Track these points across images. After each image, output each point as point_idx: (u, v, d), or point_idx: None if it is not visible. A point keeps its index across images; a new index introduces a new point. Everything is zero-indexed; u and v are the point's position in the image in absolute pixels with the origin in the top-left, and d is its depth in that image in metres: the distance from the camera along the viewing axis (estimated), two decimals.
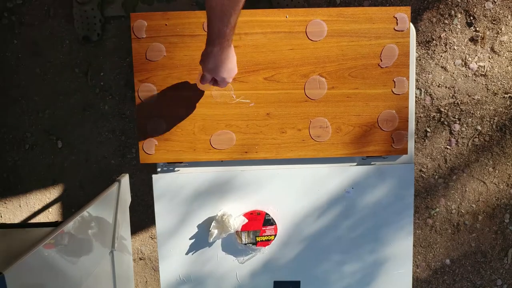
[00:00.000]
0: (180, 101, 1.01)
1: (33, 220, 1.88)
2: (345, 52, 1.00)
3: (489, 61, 1.71)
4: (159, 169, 1.06)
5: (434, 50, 1.71)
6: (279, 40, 0.99)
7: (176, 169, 1.06)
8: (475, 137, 1.77)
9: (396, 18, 0.99)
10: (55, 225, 0.96)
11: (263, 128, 1.02)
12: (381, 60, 1.01)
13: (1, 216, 1.90)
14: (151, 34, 0.98)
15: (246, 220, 1.04)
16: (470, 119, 1.76)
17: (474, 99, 1.74)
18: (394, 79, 1.02)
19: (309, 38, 0.99)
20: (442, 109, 1.75)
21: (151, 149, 1.02)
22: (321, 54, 1.00)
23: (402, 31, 1.00)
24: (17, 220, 1.88)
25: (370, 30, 1.00)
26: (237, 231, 1.04)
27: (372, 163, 1.07)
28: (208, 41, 0.83)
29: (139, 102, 1.00)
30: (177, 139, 1.02)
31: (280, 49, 1.00)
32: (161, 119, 1.01)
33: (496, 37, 1.69)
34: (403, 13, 0.99)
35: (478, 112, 1.75)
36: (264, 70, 1.00)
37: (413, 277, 1.19)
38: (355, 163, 1.07)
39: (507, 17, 1.68)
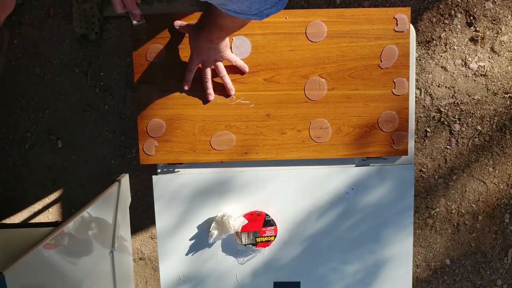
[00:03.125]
0: (180, 102, 1.01)
1: (33, 220, 1.88)
2: (345, 53, 1.00)
3: (489, 61, 1.71)
4: (159, 170, 1.06)
5: (434, 50, 1.71)
6: (279, 41, 0.99)
7: (176, 170, 1.06)
8: (475, 137, 1.77)
9: (396, 19, 0.99)
10: (55, 225, 0.96)
11: (263, 129, 1.02)
12: (381, 61, 1.01)
13: None
14: (151, 35, 0.98)
15: (246, 221, 1.04)
16: (470, 119, 1.76)
17: (474, 99, 1.74)
18: (394, 80, 1.02)
19: (309, 39, 0.99)
20: (442, 109, 1.75)
21: (151, 150, 1.02)
22: (321, 55, 1.00)
23: (402, 32, 1.00)
24: (17, 220, 1.88)
25: (370, 31, 0.99)
26: (237, 232, 1.04)
27: (372, 164, 1.07)
28: (205, 31, 0.88)
29: (139, 103, 1.00)
30: (177, 140, 1.02)
31: (280, 50, 1.00)
32: (161, 120, 1.01)
33: (496, 37, 1.69)
34: (403, 14, 0.99)
35: (478, 112, 1.75)
36: (264, 71, 1.00)
37: (413, 277, 1.19)
38: (354, 164, 1.07)
39: (507, 17, 1.68)
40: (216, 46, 0.92)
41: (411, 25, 1.01)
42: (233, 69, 0.99)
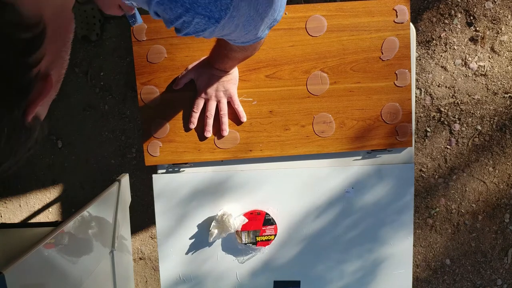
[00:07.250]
0: (183, 102, 1.01)
1: (33, 220, 1.88)
2: (346, 47, 1.00)
3: (489, 61, 1.71)
4: (164, 170, 1.06)
5: (434, 50, 1.71)
6: (279, 37, 0.99)
7: (181, 170, 1.05)
8: (475, 137, 1.77)
9: (395, 10, 0.99)
10: (55, 225, 0.96)
11: (266, 126, 1.02)
12: (382, 53, 1.00)
13: (1, 216, 1.90)
14: (151, 36, 0.98)
15: (246, 220, 1.04)
16: (470, 119, 1.76)
17: (474, 99, 1.74)
18: (396, 72, 1.01)
19: (309, 34, 0.99)
20: (442, 109, 1.75)
21: (155, 151, 1.02)
22: (322, 49, 1.00)
23: (402, 23, 0.99)
24: (17, 220, 1.88)
25: (370, 23, 0.99)
26: (237, 231, 1.04)
27: (378, 155, 1.06)
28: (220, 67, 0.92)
29: (142, 104, 1.00)
30: (181, 140, 1.02)
31: (280, 46, 0.99)
32: (165, 121, 1.01)
33: (496, 37, 1.69)
34: (403, 5, 0.99)
35: (478, 112, 1.75)
36: (266, 68, 1.00)
37: (413, 277, 1.19)
38: (360, 157, 1.07)
39: (507, 17, 1.68)
40: (229, 75, 0.95)
41: (411, 24, 1.01)
42: (229, 115, 1.01)
